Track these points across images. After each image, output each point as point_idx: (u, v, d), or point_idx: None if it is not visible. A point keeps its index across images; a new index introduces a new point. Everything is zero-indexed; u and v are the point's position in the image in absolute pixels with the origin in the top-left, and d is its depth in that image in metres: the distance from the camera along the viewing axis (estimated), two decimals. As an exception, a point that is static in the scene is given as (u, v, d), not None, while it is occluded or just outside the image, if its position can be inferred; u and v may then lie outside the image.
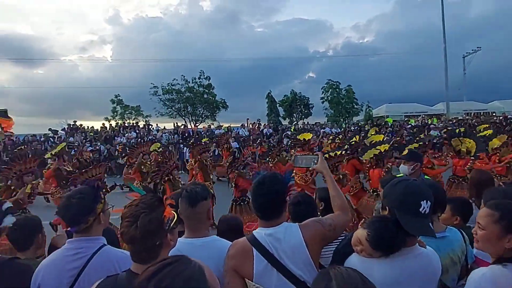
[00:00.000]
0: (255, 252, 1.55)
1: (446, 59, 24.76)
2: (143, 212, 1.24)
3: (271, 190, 1.58)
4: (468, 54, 28.82)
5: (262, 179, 1.63)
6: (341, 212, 1.74)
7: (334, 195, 1.79)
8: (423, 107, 26.93)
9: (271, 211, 1.61)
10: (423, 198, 1.40)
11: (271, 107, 25.44)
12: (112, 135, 17.57)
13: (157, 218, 1.26)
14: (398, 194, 1.43)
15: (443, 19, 24.70)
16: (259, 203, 1.61)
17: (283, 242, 1.55)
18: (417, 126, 17.61)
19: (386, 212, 1.49)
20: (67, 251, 1.62)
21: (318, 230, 1.62)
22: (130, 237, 1.22)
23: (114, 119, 24.62)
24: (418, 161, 3.40)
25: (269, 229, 1.59)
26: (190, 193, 1.71)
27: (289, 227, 1.61)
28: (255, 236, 1.60)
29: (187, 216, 1.72)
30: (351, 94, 25.53)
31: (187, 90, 26.08)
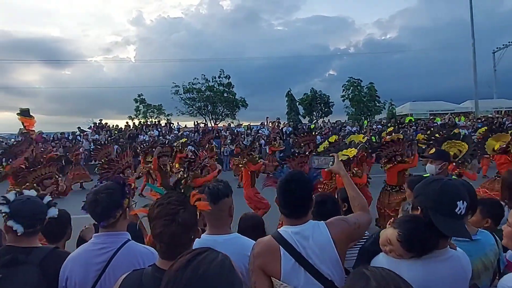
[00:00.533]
0: (282, 250, 1.53)
1: (474, 55, 23.72)
2: (180, 208, 1.27)
3: (299, 188, 1.59)
4: (498, 50, 27.53)
5: (290, 176, 1.64)
6: (363, 212, 1.73)
7: (354, 196, 1.77)
8: (449, 105, 25.89)
9: (299, 209, 1.61)
10: (459, 199, 1.33)
11: (291, 105, 25.24)
12: (135, 133, 18.04)
13: (194, 212, 1.30)
14: (433, 193, 1.37)
15: (472, 13, 23.65)
16: (287, 200, 1.61)
17: (311, 240, 1.54)
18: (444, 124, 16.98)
19: (417, 212, 1.43)
20: (93, 246, 1.67)
21: (345, 228, 1.61)
22: (170, 234, 1.23)
23: (137, 118, 25.25)
24: (446, 160, 3.29)
25: (296, 227, 1.59)
26: (212, 190, 1.73)
27: (316, 225, 1.60)
28: (281, 234, 1.59)
29: (209, 213, 1.68)
30: (373, 92, 24.92)
31: (207, 89, 26.34)
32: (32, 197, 1.74)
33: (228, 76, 26.58)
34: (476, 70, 23.84)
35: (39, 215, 1.70)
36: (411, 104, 26.18)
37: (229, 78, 26.61)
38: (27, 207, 1.66)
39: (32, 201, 1.71)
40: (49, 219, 1.77)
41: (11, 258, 1.55)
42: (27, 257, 1.60)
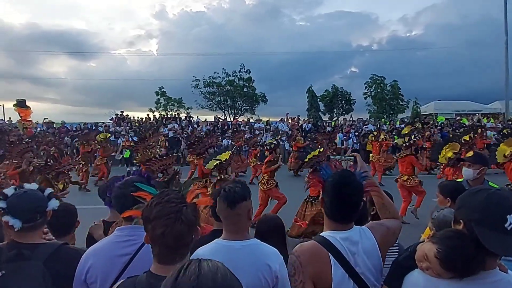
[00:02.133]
0: (332, 258, 1.41)
1: (507, 53, 22.44)
2: (183, 206, 1.19)
3: (354, 192, 1.47)
4: (533, 48, 25.90)
5: (343, 178, 1.50)
6: (395, 219, 1.62)
7: (384, 204, 1.64)
8: (477, 105, 24.71)
9: (352, 214, 1.50)
10: (510, 212, 1.16)
11: (312, 102, 24.86)
12: (156, 125, 18.31)
13: (195, 209, 1.22)
14: (478, 204, 1.20)
15: (506, 9, 22.33)
16: (341, 205, 1.48)
17: (360, 245, 1.44)
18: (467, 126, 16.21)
19: (460, 226, 1.26)
20: (118, 238, 1.64)
21: (384, 233, 1.53)
22: (176, 233, 1.15)
23: (158, 111, 25.54)
24: (485, 165, 3.06)
25: (343, 232, 1.47)
26: (228, 193, 1.62)
27: (362, 230, 1.51)
28: (328, 240, 1.46)
29: (225, 217, 1.65)
30: (396, 90, 24.17)
31: (227, 84, 26.35)
32: (30, 190, 1.67)
33: (248, 71, 26.50)
34: (508, 69, 22.59)
35: (38, 208, 1.64)
36: (436, 103, 25.17)
37: (250, 73, 26.52)
38: (24, 201, 1.60)
39: (30, 194, 1.64)
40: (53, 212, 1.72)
41: (16, 253, 1.51)
42: (32, 253, 1.55)
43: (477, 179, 2.96)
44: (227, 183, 1.72)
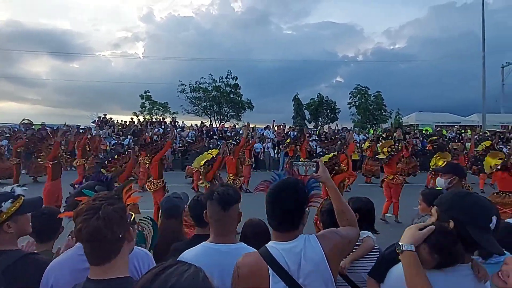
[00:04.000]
0: (271, 272, 1.37)
1: (484, 68, 23.46)
2: (104, 202, 1.18)
3: (289, 198, 1.42)
4: (508, 64, 27.17)
5: (282, 185, 1.47)
6: (352, 227, 1.58)
7: (343, 210, 1.60)
8: (456, 118, 25.59)
9: (289, 223, 1.44)
10: (493, 213, 1.31)
11: (297, 110, 25.15)
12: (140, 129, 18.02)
13: (120, 207, 1.20)
14: (469, 207, 1.32)
15: (483, 26, 23.42)
16: (274, 211, 1.45)
17: (303, 258, 1.39)
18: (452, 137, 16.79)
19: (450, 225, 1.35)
20: (81, 250, 1.56)
21: (338, 242, 1.47)
22: (92, 230, 1.12)
23: (142, 114, 25.23)
24: (456, 174, 3.15)
25: (285, 243, 1.43)
26: (222, 196, 1.60)
27: (307, 240, 1.45)
28: (269, 251, 1.42)
29: (217, 220, 1.63)
30: (379, 100, 24.80)
31: (214, 89, 26.30)
32: None
33: (235, 77, 26.58)
34: (485, 83, 23.59)
35: None
36: (417, 114, 25.92)
37: (236, 79, 26.60)
38: None
39: None
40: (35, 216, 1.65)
41: None
42: None
43: (450, 187, 3.02)
44: (218, 186, 1.71)
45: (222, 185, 1.74)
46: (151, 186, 6.53)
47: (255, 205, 6.05)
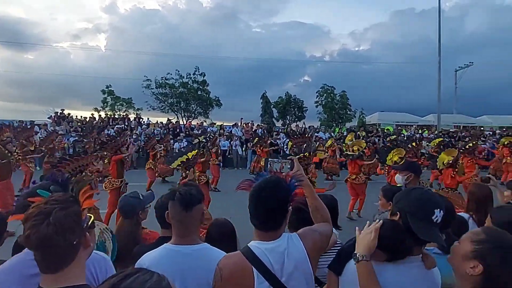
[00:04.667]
0: (255, 272, 1.37)
1: (440, 72, 25.05)
2: (56, 207, 1.07)
3: (273, 196, 1.42)
4: (460, 69, 29.27)
5: (264, 183, 1.46)
6: (326, 223, 1.63)
7: (317, 207, 1.64)
8: (414, 118, 27.16)
9: (271, 221, 1.44)
10: (437, 207, 1.38)
11: (266, 108, 25.31)
12: (101, 126, 17.17)
13: (74, 212, 1.10)
14: (413, 200, 1.42)
15: (440, 32, 24.98)
16: (258, 210, 1.43)
17: (286, 257, 1.40)
18: (411, 136, 17.73)
19: (396, 218, 1.45)
20: (30, 255, 1.42)
21: (317, 240, 1.51)
22: (42, 237, 1.03)
23: (104, 110, 24.18)
24: (413, 171, 3.32)
25: (269, 243, 1.43)
26: (184, 196, 1.56)
27: (290, 239, 1.46)
28: (253, 251, 1.41)
29: (179, 221, 1.58)
30: (345, 100, 25.63)
31: (181, 86, 25.73)
32: None
33: (203, 74, 26.16)
34: (440, 86, 25.19)
35: None
36: (379, 114, 27.16)
37: (204, 76, 26.19)
38: None
39: None
40: None
41: None
42: None
43: (407, 184, 3.17)
44: (180, 186, 1.66)
45: (185, 184, 1.69)
46: (107, 185, 6.37)
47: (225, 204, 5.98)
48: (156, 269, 1.44)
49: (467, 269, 1.21)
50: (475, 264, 1.19)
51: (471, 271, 1.19)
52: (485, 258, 1.18)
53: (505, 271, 1.16)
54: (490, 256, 1.17)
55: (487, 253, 1.19)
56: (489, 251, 1.19)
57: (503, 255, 1.17)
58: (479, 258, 1.19)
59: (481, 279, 1.18)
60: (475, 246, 1.22)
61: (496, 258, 1.17)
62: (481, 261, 1.18)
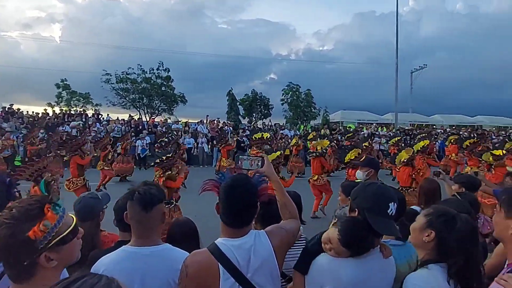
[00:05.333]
0: (221, 268, 1.37)
1: (397, 73, 26.47)
2: (6, 223, 0.98)
3: (245, 194, 1.44)
4: (415, 70, 31.11)
5: (234, 181, 1.47)
6: (294, 219, 1.67)
7: (285, 203, 1.69)
8: (374, 116, 28.48)
9: (243, 218, 1.47)
10: (391, 200, 1.47)
11: (232, 105, 25.16)
12: (55, 122, 16.08)
13: (23, 232, 0.99)
14: (369, 195, 1.49)
15: (397, 35, 26.37)
16: (231, 208, 1.45)
17: (253, 253, 1.42)
18: (369, 135, 18.59)
19: (355, 214, 1.51)
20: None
21: (284, 237, 1.54)
22: None
23: (59, 106, 22.72)
24: (373, 168, 3.52)
25: (236, 239, 1.44)
26: (144, 196, 1.49)
27: (257, 236, 1.48)
28: (220, 248, 1.42)
29: (138, 221, 1.52)
30: (309, 98, 26.20)
31: (143, 81, 24.79)
32: None
33: (167, 70, 25.40)
34: (398, 86, 26.66)
35: None
36: (342, 112, 28.15)
37: (169, 71, 25.44)
38: None
39: None
40: None
41: None
42: None
43: (367, 180, 3.35)
44: (140, 185, 1.59)
45: (145, 183, 1.61)
46: (70, 186, 6.29)
47: (190, 202, 5.84)
48: (113, 273, 1.37)
49: (423, 238, 1.46)
50: (429, 232, 1.45)
51: (427, 239, 1.45)
52: (435, 225, 1.46)
53: (449, 234, 1.42)
54: (438, 223, 1.45)
55: (435, 220, 1.47)
56: (437, 218, 1.47)
57: (446, 220, 1.46)
58: (431, 227, 1.46)
59: (435, 243, 1.44)
60: (426, 218, 1.50)
61: (442, 223, 1.45)
62: (433, 228, 1.46)
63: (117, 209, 1.97)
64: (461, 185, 3.20)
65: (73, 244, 1.12)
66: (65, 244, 1.07)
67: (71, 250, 1.12)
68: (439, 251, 1.43)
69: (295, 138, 14.19)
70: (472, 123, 28.96)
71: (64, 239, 1.06)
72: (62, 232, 1.05)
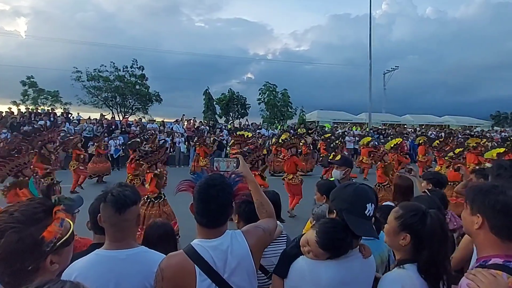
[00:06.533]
0: (197, 270, 1.36)
1: (370, 74, 27.31)
2: (12, 227, 0.94)
3: (220, 193, 1.42)
4: (388, 72, 32.26)
5: (210, 180, 1.45)
6: (271, 218, 1.68)
7: (262, 202, 1.69)
8: (349, 116, 29.27)
9: (218, 218, 1.45)
10: (369, 201, 1.46)
11: (208, 104, 24.94)
12: (20, 122, 15.24)
13: (31, 236, 0.96)
14: (347, 197, 1.48)
15: (370, 38, 27.20)
16: (206, 208, 1.42)
17: (230, 254, 1.41)
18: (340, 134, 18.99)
19: (333, 215, 1.51)
20: None
21: (261, 236, 1.54)
22: None
23: (25, 104, 21.61)
24: (349, 166, 3.62)
25: (212, 240, 1.43)
26: (117, 197, 1.46)
27: (234, 236, 1.48)
28: (196, 250, 1.40)
29: (112, 224, 1.48)
30: (286, 98, 26.45)
31: (116, 79, 24.02)
32: None
33: (141, 67, 24.77)
34: (371, 87, 27.51)
35: None
36: (318, 112, 28.68)
37: (143, 69, 24.82)
38: None
39: None
40: None
41: None
42: None
43: (344, 178, 3.47)
44: (114, 186, 1.55)
45: (120, 185, 1.56)
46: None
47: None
48: (86, 278, 1.33)
49: (399, 241, 1.46)
50: (404, 235, 1.45)
51: (403, 242, 1.45)
52: (408, 226, 1.45)
53: (425, 231, 1.42)
54: (411, 224, 1.45)
55: (408, 221, 1.46)
56: (409, 219, 1.46)
57: (420, 218, 1.45)
58: (405, 230, 1.46)
59: (412, 245, 1.44)
60: (398, 221, 1.49)
61: (416, 222, 1.44)
62: (407, 230, 1.45)
63: (91, 212, 1.90)
64: (429, 181, 3.36)
65: (71, 248, 1.11)
66: (66, 247, 1.07)
67: (69, 253, 1.11)
68: (415, 251, 1.44)
69: (275, 138, 14.27)
70: (440, 123, 30.47)
71: (67, 241, 1.06)
72: (64, 235, 1.04)
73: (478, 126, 30.16)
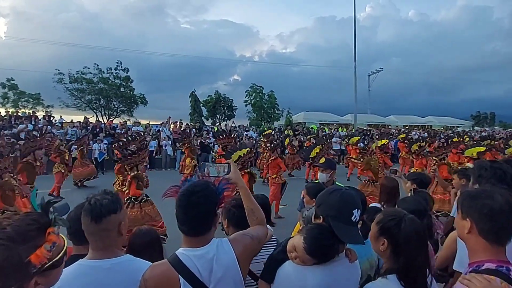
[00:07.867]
0: (182, 280, 1.32)
1: (356, 76, 27.68)
2: (1, 244, 0.89)
3: (202, 201, 1.38)
4: (372, 73, 32.79)
5: (192, 187, 1.41)
6: (261, 226, 1.65)
7: (253, 209, 1.66)
8: (335, 117, 29.59)
9: (200, 226, 1.40)
10: (355, 207, 1.45)
11: (195, 106, 24.79)
12: (0, 125, 14.75)
13: (19, 256, 0.91)
14: (334, 203, 1.47)
15: (355, 40, 27.58)
16: (187, 215, 1.38)
17: (215, 263, 1.37)
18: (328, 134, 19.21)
19: (320, 221, 1.50)
20: None
21: (248, 244, 1.51)
22: None
23: (5, 107, 21.07)
24: (334, 169, 3.67)
25: (197, 249, 1.39)
26: (93, 206, 1.41)
27: (220, 244, 1.44)
28: (180, 259, 1.36)
29: (91, 233, 1.44)
30: (273, 99, 26.59)
31: (100, 81, 23.60)
32: None
33: (126, 69, 24.42)
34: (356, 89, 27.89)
35: None
36: (305, 113, 28.89)
37: (128, 71, 24.51)
38: None
39: None
40: None
41: None
42: None
43: (329, 181, 3.53)
44: (94, 194, 1.50)
45: (104, 192, 1.51)
46: None
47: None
48: None
49: (379, 247, 1.44)
50: (382, 241, 1.44)
51: (382, 247, 1.43)
52: (386, 231, 1.44)
53: (400, 236, 1.39)
54: (388, 228, 1.43)
55: (386, 226, 1.44)
56: (386, 224, 1.44)
57: (396, 223, 1.42)
58: (383, 235, 1.44)
59: (391, 250, 1.41)
60: (378, 226, 1.47)
61: (392, 227, 1.42)
62: (385, 236, 1.43)
63: (69, 221, 1.84)
64: (413, 181, 3.42)
65: (60, 269, 1.05)
66: (55, 269, 1.01)
67: (58, 274, 1.05)
68: (394, 257, 1.41)
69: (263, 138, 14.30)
70: (423, 123, 31.20)
71: (57, 263, 1.00)
72: (55, 256, 0.98)
73: (459, 126, 31.08)
